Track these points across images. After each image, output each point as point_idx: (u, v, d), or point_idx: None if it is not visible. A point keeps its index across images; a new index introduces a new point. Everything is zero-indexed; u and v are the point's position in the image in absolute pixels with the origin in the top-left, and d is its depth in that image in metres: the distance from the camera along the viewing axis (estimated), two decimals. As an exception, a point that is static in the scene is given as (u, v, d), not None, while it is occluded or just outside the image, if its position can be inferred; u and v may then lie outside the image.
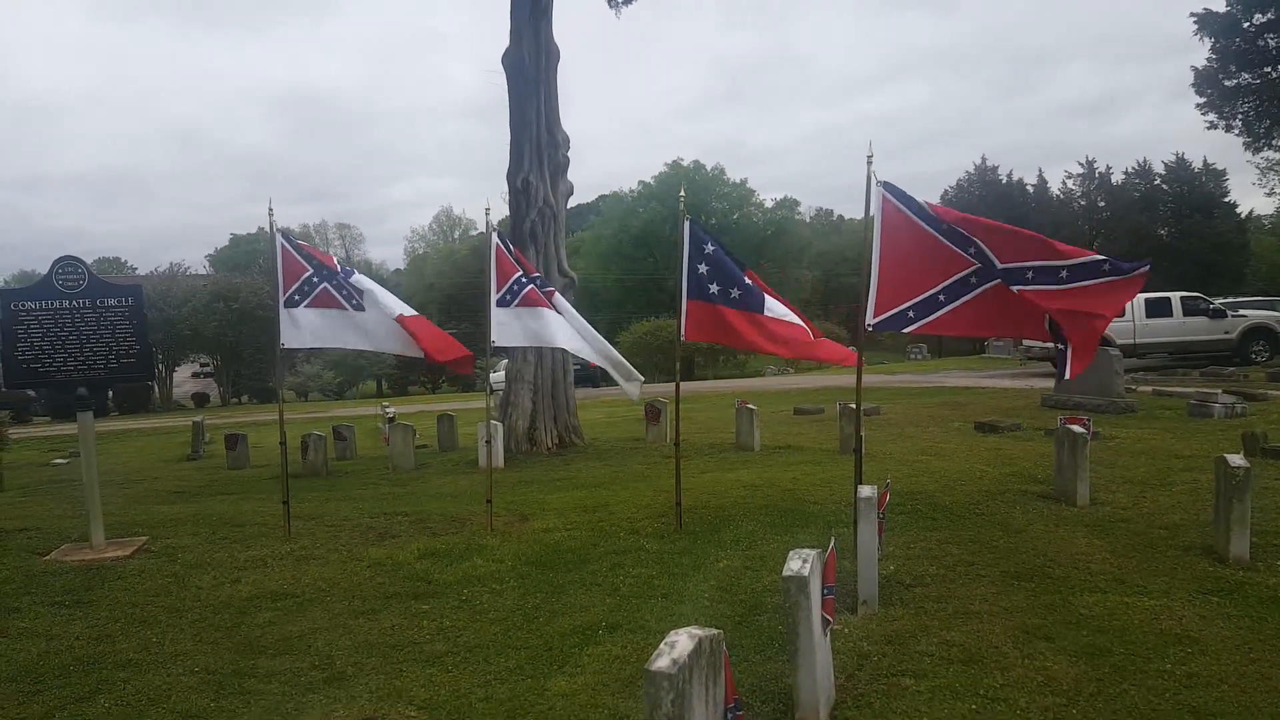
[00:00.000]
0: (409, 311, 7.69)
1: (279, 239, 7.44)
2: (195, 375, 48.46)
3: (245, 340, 37.45)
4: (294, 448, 11.19)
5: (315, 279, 7.37)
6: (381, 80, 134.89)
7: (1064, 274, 5.77)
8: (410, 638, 5.10)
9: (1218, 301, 22.90)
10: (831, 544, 4.17)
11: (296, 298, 7.28)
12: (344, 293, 7.45)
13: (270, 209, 7.49)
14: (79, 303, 7.33)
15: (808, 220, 68.64)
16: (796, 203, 61.98)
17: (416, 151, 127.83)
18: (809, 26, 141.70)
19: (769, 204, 57.91)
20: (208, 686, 4.49)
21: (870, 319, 6.14)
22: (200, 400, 38.85)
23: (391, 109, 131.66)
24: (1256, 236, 51.00)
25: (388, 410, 17.17)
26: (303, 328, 7.32)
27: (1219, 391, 13.83)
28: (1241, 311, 22.76)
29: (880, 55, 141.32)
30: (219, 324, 37.02)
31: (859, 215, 6.72)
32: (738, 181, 55.43)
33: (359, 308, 7.47)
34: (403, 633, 5.19)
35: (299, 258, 7.37)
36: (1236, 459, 5.75)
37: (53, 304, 7.28)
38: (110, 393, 32.69)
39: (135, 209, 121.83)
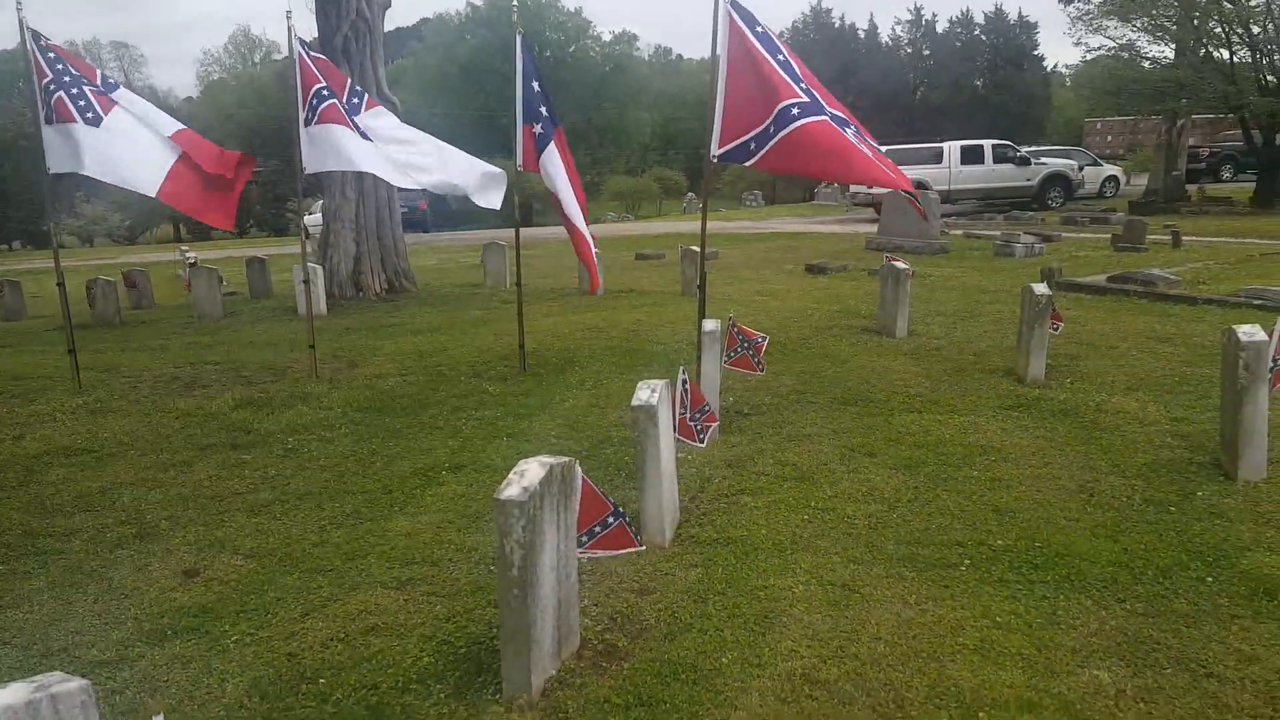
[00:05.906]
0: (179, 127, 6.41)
1: (30, 45, 6.18)
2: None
3: (9, 178, 32.44)
4: (80, 297, 9.88)
5: (53, 86, 6.10)
6: None
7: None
8: (231, 488, 4.74)
9: (1024, 150, 24.42)
10: (682, 373, 4.17)
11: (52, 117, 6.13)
12: (80, 103, 6.07)
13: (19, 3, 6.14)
14: None
15: (646, 58, 66.48)
16: (635, 37, 59.60)
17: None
18: None
19: (606, 38, 55.40)
20: (-9, 551, 3.99)
21: (715, 150, 5.93)
22: (-40, 247, 33.81)
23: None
24: (1057, 90, 54.74)
25: (188, 255, 15.56)
26: (61, 150, 6.16)
27: (1020, 233, 15.04)
28: (1042, 160, 24.43)
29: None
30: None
31: (699, 55, 6.29)
32: (573, 10, 52.37)
33: (94, 122, 6.07)
34: (222, 484, 4.81)
35: (44, 63, 6.15)
36: (1040, 288, 6.22)
37: None
38: None
39: None
